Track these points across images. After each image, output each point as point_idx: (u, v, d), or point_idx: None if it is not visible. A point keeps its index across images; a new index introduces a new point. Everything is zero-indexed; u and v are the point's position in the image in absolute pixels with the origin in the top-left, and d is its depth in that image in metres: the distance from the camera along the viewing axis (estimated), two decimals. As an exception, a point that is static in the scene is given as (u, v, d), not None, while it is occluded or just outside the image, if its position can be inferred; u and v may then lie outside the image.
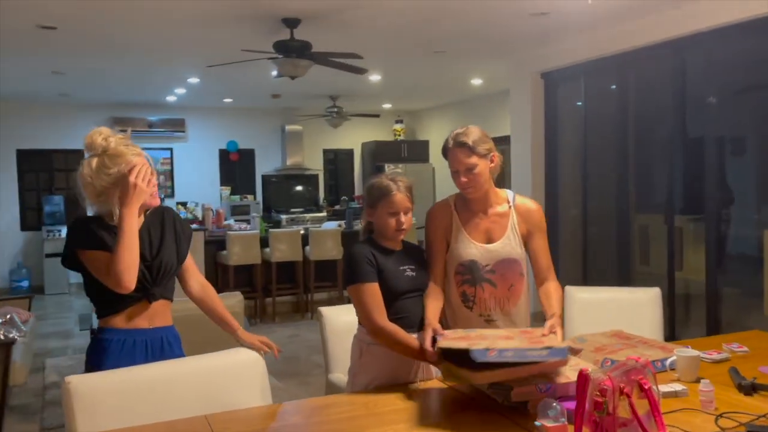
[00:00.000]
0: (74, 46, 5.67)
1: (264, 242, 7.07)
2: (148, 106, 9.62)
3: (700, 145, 5.05)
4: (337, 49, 5.16)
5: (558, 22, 5.15)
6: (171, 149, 10.13)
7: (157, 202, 2.12)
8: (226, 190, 10.17)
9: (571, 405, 1.68)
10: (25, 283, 8.79)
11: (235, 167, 10.55)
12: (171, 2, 4.39)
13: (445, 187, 9.62)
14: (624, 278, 5.74)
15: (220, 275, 7.06)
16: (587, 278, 6.06)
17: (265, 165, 10.73)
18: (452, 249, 2.36)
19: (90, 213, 2.10)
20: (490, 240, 2.36)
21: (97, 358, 2.02)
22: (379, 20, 4.93)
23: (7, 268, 8.94)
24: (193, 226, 7.15)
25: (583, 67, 5.99)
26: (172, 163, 10.16)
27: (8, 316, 4.80)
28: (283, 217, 9.67)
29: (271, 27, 4.92)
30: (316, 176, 10.98)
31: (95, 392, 1.89)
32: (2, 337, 4.21)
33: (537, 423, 1.73)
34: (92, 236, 2.00)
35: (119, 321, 2.05)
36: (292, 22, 4.79)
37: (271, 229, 7.27)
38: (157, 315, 2.12)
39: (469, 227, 2.36)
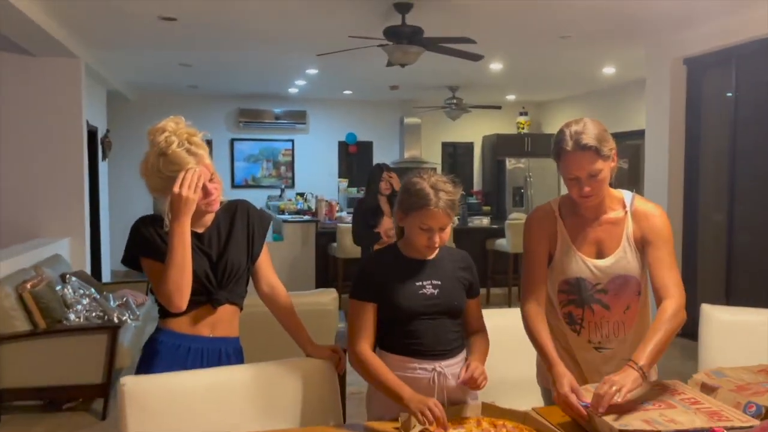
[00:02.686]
0: (195, 38, 5.81)
1: (375, 236, 6.93)
2: (272, 97, 9.83)
3: None
4: (452, 35, 4.84)
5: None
6: (292, 140, 10.30)
7: (214, 208, 1.91)
8: (344, 182, 10.20)
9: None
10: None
11: (354, 159, 10.56)
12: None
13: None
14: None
15: (330, 268, 7.02)
16: (730, 295, 5.30)
17: (382, 157, 10.58)
18: (556, 262, 1.99)
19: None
20: (601, 253, 1.97)
21: (148, 361, 1.89)
22: (499, 3, 4.56)
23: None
24: (306, 217, 7.16)
25: (735, 51, 5.23)
26: (293, 155, 10.34)
27: (124, 299, 4.99)
28: (399, 211, 9.50)
29: (383, 12, 4.71)
30: (434, 170, 10.70)
31: (149, 396, 1.76)
32: (115, 320, 4.37)
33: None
34: (149, 242, 1.85)
35: (178, 324, 1.89)
36: (403, 7, 4.55)
37: (382, 223, 7.10)
38: (222, 322, 1.94)
39: (577, 238, 1.98)
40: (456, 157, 11.05)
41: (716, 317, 2.64)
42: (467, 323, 2.00)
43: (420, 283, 1.90)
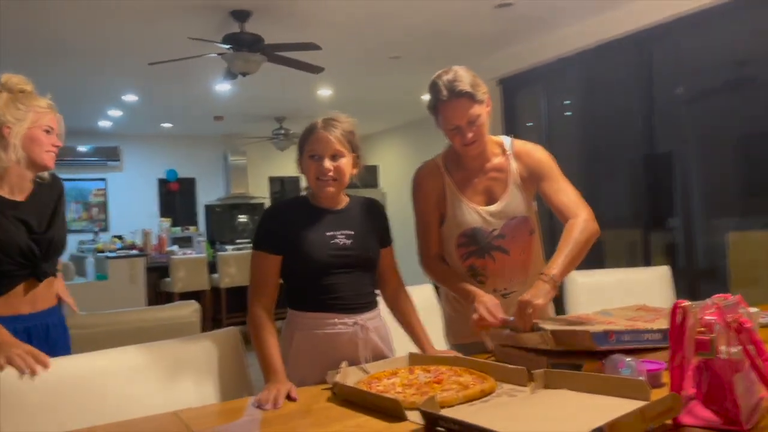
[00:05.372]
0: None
1: (212, 268, 6.54)
2: (78, 133, 8.94)
3: (667, 154, 4.90)
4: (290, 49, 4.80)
5: (519, 17, 4.99)
6: (105, 179, 9.47)
7: (52, 164, 1.81)
8: (166, 222, 9.52)
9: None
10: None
11: (176, 197, 9.97)
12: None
13: (397, 212, 9.28)
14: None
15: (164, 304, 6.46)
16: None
17: (207, 194, 10.18)
18: (449, 218, 2.00)
19: None
20: (491, 201, 2.01)
21: None
22: (337, 14, 4.63)
23: None
24: (133, 252, 6.55)
25: (542, 70, 5.83)
26: (106, 195, 9.49)
27: None
28: (229, 248, 9.08)
29: (220, 22, 4.55)
30: (262, 205, 10.49)
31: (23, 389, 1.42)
32: None
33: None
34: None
35: None
36: (241, 15, 4.43)
37: (219, 252, 6.74)
38: (40, 296, 1.76)
39: (466, 190, 2.01)
40: (284, 192, 10.94)
41: (578, 280, 2.84)
42: (382, 273, 1.91)
43: (331, 233, 1.77)
